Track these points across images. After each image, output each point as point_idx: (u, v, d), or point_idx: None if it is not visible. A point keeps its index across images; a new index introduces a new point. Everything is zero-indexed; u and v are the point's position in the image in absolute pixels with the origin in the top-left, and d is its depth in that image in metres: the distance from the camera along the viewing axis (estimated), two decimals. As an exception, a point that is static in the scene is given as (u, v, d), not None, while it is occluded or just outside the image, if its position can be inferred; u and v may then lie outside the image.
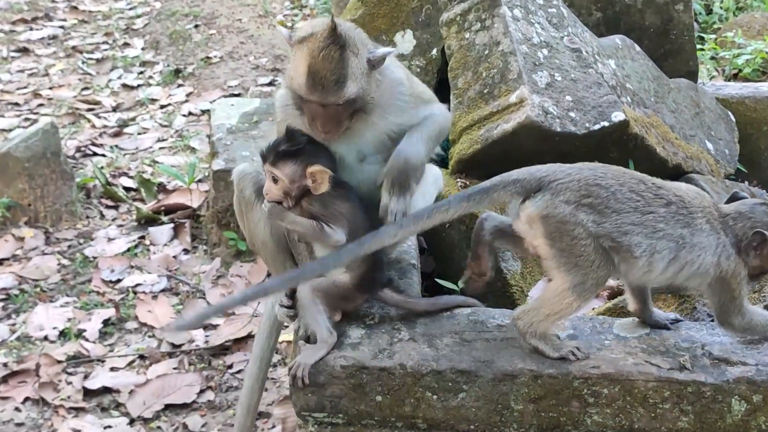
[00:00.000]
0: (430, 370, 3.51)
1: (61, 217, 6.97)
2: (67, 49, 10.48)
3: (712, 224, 3.54)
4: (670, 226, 3.48)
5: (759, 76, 8.40)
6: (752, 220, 3.57)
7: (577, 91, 4.97)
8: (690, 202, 3.56)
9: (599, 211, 3.44)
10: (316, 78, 3.60)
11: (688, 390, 3.46)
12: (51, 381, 5.43)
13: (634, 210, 3.47)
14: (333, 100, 3.65)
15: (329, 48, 3.60)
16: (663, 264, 3.49)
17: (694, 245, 3.49)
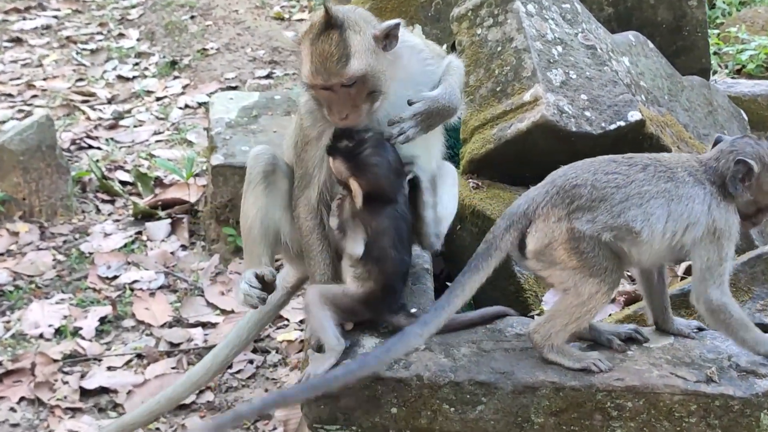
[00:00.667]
0: (448, 382, 3.41)
1: (56, 212, 6.89)
2: (61, 39, 10.36)
3: (694, 175, 3.49)
4: (653, 185, 3.44)
5: (763, 71, 8.35)
6: (734, 153, 3.50)
7: (592, 89, 4.87)
8: (667, 160, 3.55)
9: (588, 208, 3.41)
10: (319, 62, 3.59)
11: (715, 404, 3.36)
12: (47, 380, 5.35)
13: (617, 188, 3.43)
14: (336, 80, 3.61)
15: (327, 31, 3.59)
16: (661, 224, 3.42)
17: (681, 197, 3.44)
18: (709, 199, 3.46)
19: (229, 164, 6.37)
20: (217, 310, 6.00)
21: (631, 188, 3.43)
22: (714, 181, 3.48)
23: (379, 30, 3.69)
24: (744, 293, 3.90)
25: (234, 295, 3.96)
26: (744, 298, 3.89)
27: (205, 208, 6.73)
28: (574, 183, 3.46)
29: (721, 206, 3.46)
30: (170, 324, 5.89)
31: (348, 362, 3.44)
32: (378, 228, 3.66)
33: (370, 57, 3.65)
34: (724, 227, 3.44)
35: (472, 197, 4.80)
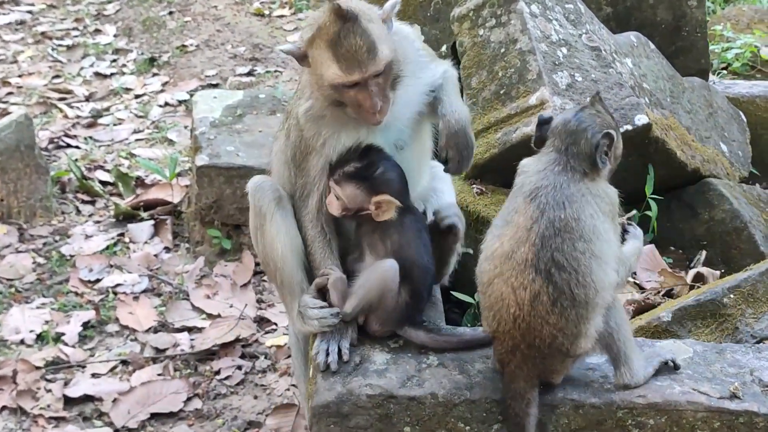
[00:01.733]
0: (463, 400, 3.31)
1: (35, 213, 6.76)
2: (36, 35, 10.17)
3: (565, 173, 3.34)
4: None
5: (748, 70, 8.31)
6: (588, 130, 3.37)
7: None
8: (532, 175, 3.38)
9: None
10: (349, 57, 3.50)
11: (739, 421, 3.28)
12: (29, 388, 5.24)
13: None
14: (374, 69, 3.54)
15: (346, 26, 3.51)
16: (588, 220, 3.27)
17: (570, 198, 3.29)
18: (585, 190, 3.33)
19: (213, 165, 6.27)
20: (203, 314, 5.90)
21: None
22: (581, 166, 3.36)
23: (384, 12, 3.66)
24: (763, 304, 3.82)
25: (300, 326, 3.76)
26: (763, 309, 3.81)
27: (189, 209, 6.62)
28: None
29: (593, 186, 3.37)
30: (155, 329, 5.79)
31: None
32: (402, 240, 3.59)
33: (389, 40, 3.61)
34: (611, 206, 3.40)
35: (476, 203, 4.72)
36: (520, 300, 3.21)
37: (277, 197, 3.85)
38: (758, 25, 8.87)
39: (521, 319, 3.22)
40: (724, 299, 3.88)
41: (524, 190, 3.32)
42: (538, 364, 3.29)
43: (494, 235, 3.33)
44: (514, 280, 3.22)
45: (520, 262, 3.21)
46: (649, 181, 5.02)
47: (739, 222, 5.11)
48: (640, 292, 4.56)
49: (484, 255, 3.35)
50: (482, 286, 3.34)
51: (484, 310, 3.35)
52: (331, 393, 3.31)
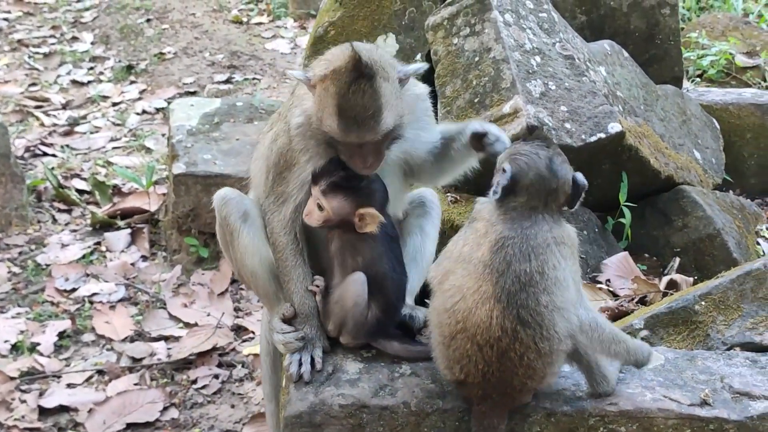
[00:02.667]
0: (436, 409, 3.30)
1: (10, 222, 6.75)
2: (12, 42, 10.16)
3: (531, 221, 3.27)
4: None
5: (723, 77, 8.35)
6: (566, 183, 3.30)
7: (572, 100, 4.80)
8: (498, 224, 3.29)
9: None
10: (350, 118, 3.37)
11: (710, 427, 3.29)
12: (3, 399, 5.24)
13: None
14: (370, 137, 3.42)
15: (358, 82, 3.35)
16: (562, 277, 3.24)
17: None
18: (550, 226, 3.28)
19: (191, 173, 6.29)
20: (180, 323, 5.90)
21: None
22: (546, 213, 3.30)
23: (404, 74, 3.53)
24: (733, 311, 3.83)
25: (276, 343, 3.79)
26: (734, 316, 3.82)
27: (166, 217, 6.62)
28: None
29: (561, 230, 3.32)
30: (132, 338, 5.79)
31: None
32: (374, 253, 3.55)
33: (398, 104, 3.48)
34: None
35: (450, 211, 4.71)
36: (488, 357, 3.17)
37: (243, 213, 3.79)
38: (733, 32, 8.91)
39: (490, 374, 3.20)
40: (696, 306, 3.88)
41: (489, 239, 3.24)
42: (509, 401, 3.29)
43: (454, 285, 3.25)
44: (480, 338, 3.17)
45: (485, 320, 3.16)
46: (623, 189, 5.03)
47: (713, 229, 5.12)
48: (614, 299, 4.57)
49: (443, 305, 3.27)
50: (443, 338, 3.27)
51: (448, 360, 3.28)
52: (304, 403, 3.30)
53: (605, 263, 4.86)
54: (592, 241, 5.03)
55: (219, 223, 3.87)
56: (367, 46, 3.54)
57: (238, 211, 3.80)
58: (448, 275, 3.28)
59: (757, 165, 6.38)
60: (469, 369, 3.20)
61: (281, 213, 3.71)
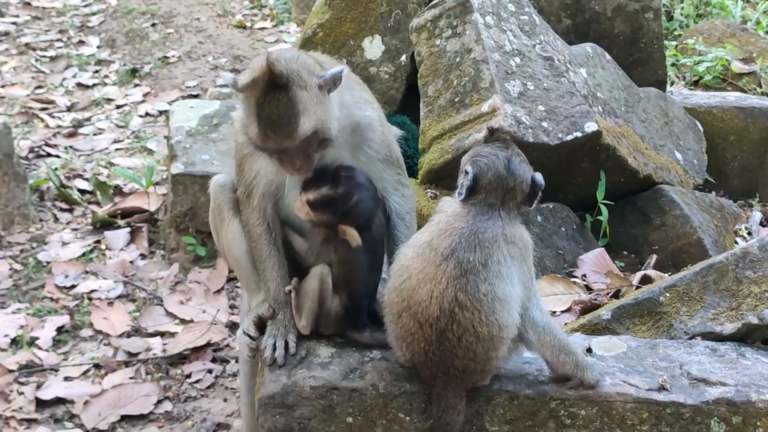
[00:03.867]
0: (403, 391, 3.42)
1: (13, 221, 6.81)
2: (20, 46, 10.27)
3: (484, 216, 3.40)
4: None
5: (719, 83, 8.46)
6: (525, 182, 3.43)
7: (549, 100, 4.91)
8: (451, 216, 3.44)
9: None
10: (267, 125, 3.47)
11: (666, 411, 3.40)
12: (2, 391, 5.29)
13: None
14: (287, 144, 3.51)
15: (272, 92, 3.46)
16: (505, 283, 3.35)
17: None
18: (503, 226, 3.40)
19: (188, 173, 6.34)
20: (176, 319, 5.96)
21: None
22: (500, 211, 3.42)
23: (324, 80, 3.57)
24: (696, 302, 3.93)
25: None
26: (696, 307, 3.92)
27: (165, 216, 6.69)
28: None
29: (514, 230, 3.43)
30: (129, 333, 5.84)
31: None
32: (351, 255, 3.65)
33: (319, 110, 3.54)
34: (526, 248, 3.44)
35: (429, 207, 4.81)
36: (428, 336, 3.29)
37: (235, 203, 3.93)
38: (730, 39, 9.00)
39: (432, 353, 3.32)
40: (661, 298, 3.99)
41: (440, 227, 3.38)
42: (460, 383, 3.39)
43: (403, 266, 3.38)
44: (420, 316, 3.29)
45: (425, 299, 3.28)
46: (601, 187, 5.13)
47: (689, 227, 5.23)
48: (588, 293, 4.68)
49: (393, 285, 3.40)
50: (392, 317, 3.41)
51: (397, 340, 3.42)
52: (277, 384, 3.43)
53: (581, 259, 4.97)
54: (570, 237, 5.14)
55: (212, 207, 4.02)
56: (287, 55, 3.60)
57: (231, 198, 3.94)
58: (400, 258, 3.41)
59: (740, 167, 6.49)
60: (414, 347, 3.33)
61: (250, 205, 3.83)
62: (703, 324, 3.87)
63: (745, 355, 3.68)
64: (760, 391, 3.44)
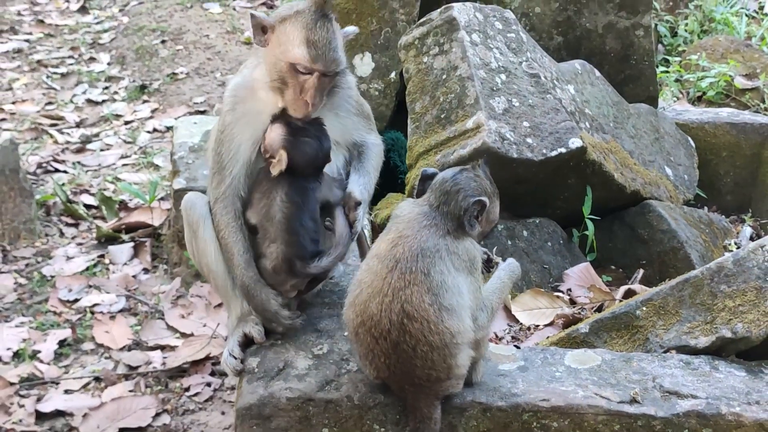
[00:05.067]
0: (378, 403, 3.49)
1: (19, 235, 6.87)
2: (31, 63, 10.38)
3: (430, 228, 3.46)
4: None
5: (722, 99, 8.47)
6: (462, 192, 3.50)
7: (534, 116, 4.97)
8: (401, 222, 3.52)
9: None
10: (319, 48, 3.76)
11: (638, 423, 3.46)
12: (2, 404, 5.32)
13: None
14: (333, 67, 3.82)
15: (323, 20, 3.79)
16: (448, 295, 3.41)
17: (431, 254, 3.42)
18: (449, 244, 3.46)
19: (190, 188, 6.32)
20: (177, 333, 5.99)
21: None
22: (447, 225, 3.48)
23: (346, 34, 3.99)
24: (672, 316, 3.98)
25: (248, 330, 3.99)
26: (672, 321, 3.97)
27: (168, 231, 6.75)
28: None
29: (462, 245, 3.49)
30: (129, 347, 5.87)
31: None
32: (287, 197, 3.83)
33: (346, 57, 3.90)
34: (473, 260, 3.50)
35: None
36: (385, 349, 3.35)
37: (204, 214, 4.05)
38: (734, 55, 9.01)
39: (393, 366, 3.38)
40: (637, 312, 4.04)
41: (389, 237, 3.45)
42: (429, 392, 3.45)
43: (357, 279, 3.47)
44: (375, 330, 3.36)
45: (376, 313, 3.34)
46: (587, 202, 5.18)
47: (676, 242, 5.27)
48: (570, 306, 4.73)
49: (349, 300, 3.48)
50: (351, 334, 3.48)
51: (360, 358, 3.48)
52: (254, 396, 3.50)
53: (567, 273, 5.02)
54: (556, 252, 5.19)
55: (185, 223, 4.14)
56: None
57: (202, 211, 4.05)
58: (357, 272, 3.50)
59: (733, 182, 6.52)
60: (376, 363, 3.40)
61: (221, 192, 3.96)
62: (678, 337, 3.92)
63: (718, 369, 3.73)
64: (730, 403, 3.50)
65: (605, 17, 6.17)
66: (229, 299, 4.08)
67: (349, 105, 4.12)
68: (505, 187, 3.72)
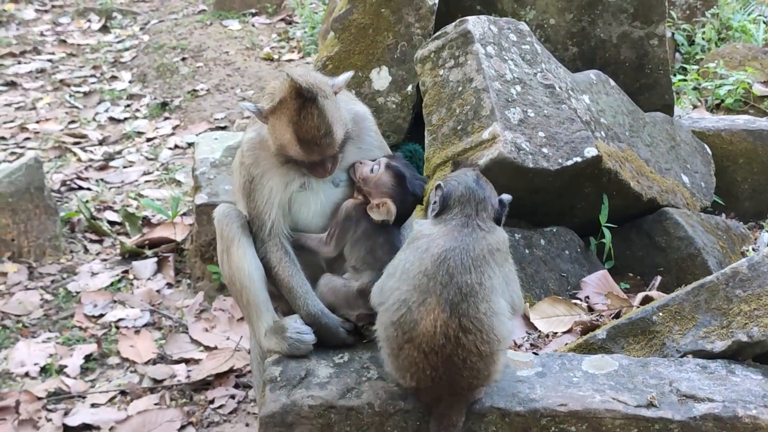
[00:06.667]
0: (398, 409, 3.53)
1: (44, 252, 6.96)
2: (54, 82, 10.53)
3: (470, 235, 3.52)
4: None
5: (741, 106, 8.45)
6: (493, 196, 3.63)
7: (550, 126, 5.01)
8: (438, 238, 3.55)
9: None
10: (308, 140, 3.75)
11: (655, 427, 3.48)
12: (31, 418, 5.38)
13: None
14: (329, 152, 3.81)
15: (304, 108, 3.72)
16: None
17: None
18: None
19: (212, 203, 6.36)
20: (201, 346, 6.05)
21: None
22: (484, 226, 3.58)
23: (336, 86, 3.89)
24: (688, 321, 4.01)
25: (274, 345, 4.05)
26: (688, 325, 4.00)
27: (191, 246, 6.81)
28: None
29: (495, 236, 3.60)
30: (154, 361, 5.94)
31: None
32: (388, 243, 3.90)
33: (340, 114, 3.85)
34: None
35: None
36: (434, 363, 3.38)
37: (242, 223, 4.08)
38: (752, 62, 9.00)
39: (438, 378, 3.41)
40: (653, 317, 4.07)
41: (431, 253, 3.46)
42: (464, 399, 3.51)
43: (399, 300, 3.45)
44: (425, 346, 3.38)
45: (430, 329, 3.36)
46: (603, 210, 5.20)
47: (694, 249, 5.28)
48: (588, 313, 4.76)
49: (389, 319, 3.47)
50: (392, 350, 3.48)
51: (399, 370, 3.49)
52: (277, 404, 3.56)
53: (584, 281, 5.05)
54: (573, 260, 5.21)
55: (218, 235, 4.15)
56: (299, 71, 3.88)
57: (238, 223, 4.08)
58: (393, 292, 3.49)
59: (751, 189, 6.51)
60: (419, 375, 3.42)
61: (264, 231, 4.01)
62: (694, 342, 3.94)
63: (734, 372, 3.76)
64: (747, 407, 3.52)
65: (619, 27, 6.21)
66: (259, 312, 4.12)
67: (370, 138, 4.15)
68: (521, 196, 3.78)
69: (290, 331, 3.92)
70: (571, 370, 3.74)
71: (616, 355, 3.88)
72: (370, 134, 4.14)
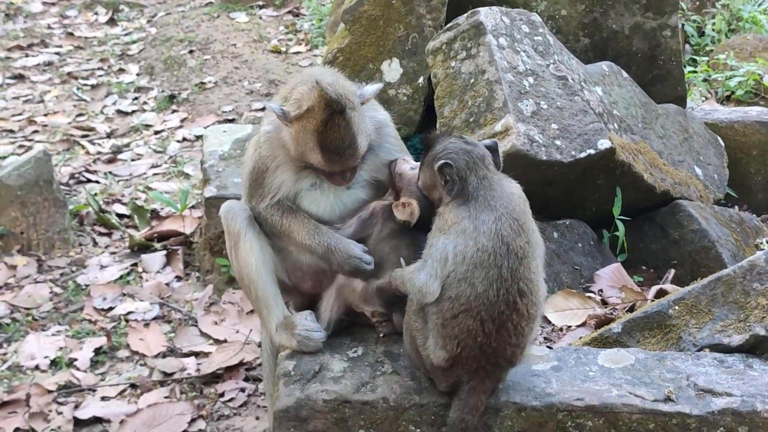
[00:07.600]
0: (413, 404, 3.51)
1: (53, 245, 6.96)
2: (62, 75, 10.51)
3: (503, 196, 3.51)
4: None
5: (751, 98, 8.42)
6: (475, 146, 3.60)
7: (563, 119, 4.98)
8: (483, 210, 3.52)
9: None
10: (332, 151, 3.72)
11: (672, 422, 3.46)
12: (41, 411, 5.39)
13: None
14: (352, 163, 3.80)
15: (331, 119, 3.69)
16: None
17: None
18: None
19: (221, 196, 6.39)
20: (210, 339, 6.04)
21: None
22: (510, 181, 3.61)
23: (364, 97, 3.85)
24: (705, 315, 3.98)
25: (285, 341, 4.01)
26: (705, 319, 3.97)
27: (200, 239, 6.80)
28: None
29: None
30: (164, 354, 5.94)
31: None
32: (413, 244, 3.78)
33: (365, 125, 3.82)
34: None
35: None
36: (488, 330, 3.36)
37: (248, 216, 4.07)
38: (762, 53, 8.97)
39: (487, 345, 3.38)
40: (670, 311, 4.05)
41: (481, 230, 3.40)
42: (497, 376, 3.49)
43: (460, 279, 3.39)
44: (484, 314, 3.36)
45: (492, 299, 3.35)
46: (617, 203, 5.18)
47: (707, 241, 5.26)
48: (602, 307, 4.73)
49: (446, 295, 3.40)
50: (443, 319, 3.41)
51: (444, 338, 3.42)
52: (291, 398, 3.54)
53: (598, 274, 5.02)
54: (587, 253, 5.19)
55: (226, 231, 4.15)
56: (329, 79, 3.79)
57: (244, 216, 4.07)
58: (449, 275, 3.42)
59: (764, 181, 6.49)
60: (467, 342, 3.39)
61: (264, 204, 4.01)
62: (711, 336, 3.92)
63: (752, 366, 3.73)
64: (765, 401, 3.49)
65: (632, 18, 6.17)
66: (267, 298, 4.10)
67: (390, 144, 4.11)
68: (534, 189, 3.73)
69: (299, 328, 3.92)
70: (587, 364, 3.72)
71: (632, 349, 3.86)
72: (389, 140, 4.11)
